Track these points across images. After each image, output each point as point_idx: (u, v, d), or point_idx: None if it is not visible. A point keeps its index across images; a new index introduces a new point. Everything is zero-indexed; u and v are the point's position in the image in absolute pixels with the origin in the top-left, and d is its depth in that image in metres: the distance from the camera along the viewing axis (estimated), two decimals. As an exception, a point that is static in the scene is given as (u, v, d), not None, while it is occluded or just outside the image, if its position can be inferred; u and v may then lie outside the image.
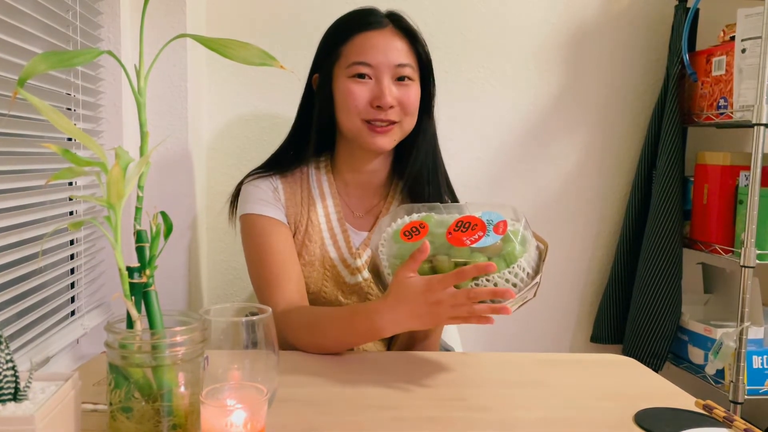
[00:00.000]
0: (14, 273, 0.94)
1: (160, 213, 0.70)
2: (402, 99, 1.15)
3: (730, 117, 1.56)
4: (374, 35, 1.15)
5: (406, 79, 1.16)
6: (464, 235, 0.86)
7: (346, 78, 1.15)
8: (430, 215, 0.94)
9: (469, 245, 0.86)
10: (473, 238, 0.86)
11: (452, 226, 0.87)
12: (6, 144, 0.96)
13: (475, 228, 0.86)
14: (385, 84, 1.14)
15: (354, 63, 1.14)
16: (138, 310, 0.68)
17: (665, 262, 1.67)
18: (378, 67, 1.14)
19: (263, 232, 1.17)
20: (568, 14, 1.74)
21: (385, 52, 1.14)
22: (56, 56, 0.63)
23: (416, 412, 0.83)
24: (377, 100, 1.13)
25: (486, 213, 0.88)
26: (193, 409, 0.68)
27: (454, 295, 0.87)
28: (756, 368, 1.57)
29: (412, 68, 1.17)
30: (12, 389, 0.61)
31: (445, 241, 0.87)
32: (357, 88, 1.14)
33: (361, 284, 1.21)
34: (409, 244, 0.90)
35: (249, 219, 1.19)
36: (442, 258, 0.89)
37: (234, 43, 0.71)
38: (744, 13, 1.51)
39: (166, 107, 1.39)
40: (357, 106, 1.14)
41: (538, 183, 1.79)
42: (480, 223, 0.86)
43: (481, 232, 0.86)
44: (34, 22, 0.99)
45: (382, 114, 1.14)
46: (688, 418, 0.83)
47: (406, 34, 1.17)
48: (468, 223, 0.87)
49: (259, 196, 1.19)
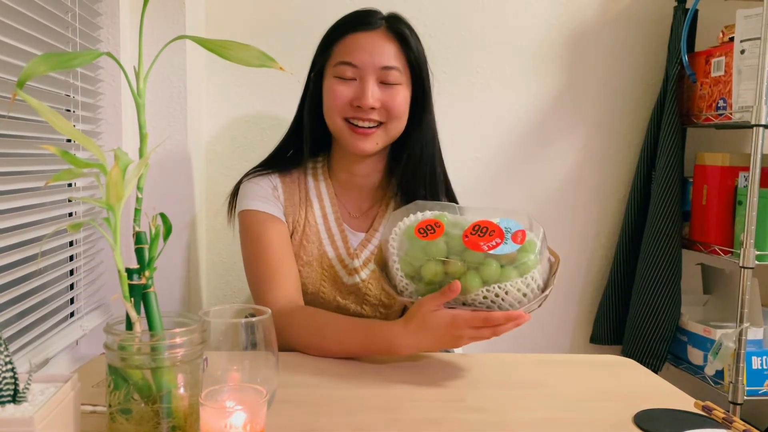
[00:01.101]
0: (14, 274, 0.94)
1: (159, 214, 0.70)
2: (386, 102, 1.14)
3: (729, 118, 1.57)
4: (363, 36, 1.15)
5: (392, 82, 1.15)
6: (481, 240, 0.85)
7: (332, 77, 1.16)
8: (443, 214, 0.93)
9: (487, 251, 0.85)
10: (491, 244, 0.85)
11: (469, 229, 0.87)
12: (5, 145, 0.95)
13: (493, 234, 0.85)
14: (368, 85, 1.13)
15: (340, 63, 1.15)
16: (137, 311, 0.68)
17: (664, 263, 1.67)
18: (362, 67, 1.14)
19: (262, 228, 1.17)
20: (567, 15, 1.74)
21: (371, 53, 1.14)
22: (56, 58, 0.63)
23: (416, 413, 0.83)
24: (357, 101, 1.14)
25: (504, 220, 0.88)
26: (193, 410, 0.68)
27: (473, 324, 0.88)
28: (755, 369, 1.57)
29: (400, 72, 1.16)
30: (11, 391, 0.61)
31: (461, 243, 0.87)
32: (340, 88, 1.15)
33: (358, 285, 1.21)
34: (423, 242, 0.89)
35: (248, 215, 1.18)
36: (456, 263, 0.87)
37: (233, 44, 0.71)
38: (743, 14, 1.51)
39: (166, 108, 1.39)
40: (338, 105, 1.15)
41: (538, 183, 1.79)
42: (498, 229, 0.86)
43: (498, 239, 0.85)
44: (33, 23, 0.99)
45: (363, 114, 1.14)
46: (687, 419, 0.83)
47: (397, 36, 1.16)
48: (486, 228, 0.86)
49: (258, 193, 1.19)
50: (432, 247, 0.88)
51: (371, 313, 1.22)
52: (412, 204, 0.96)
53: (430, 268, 0.89)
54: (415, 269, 0.91)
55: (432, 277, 0.90)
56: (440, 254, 0.88)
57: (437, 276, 0.89)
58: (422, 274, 0.90)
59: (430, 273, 0.89)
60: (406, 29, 1.17)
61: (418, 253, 0.90)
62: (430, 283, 0.90)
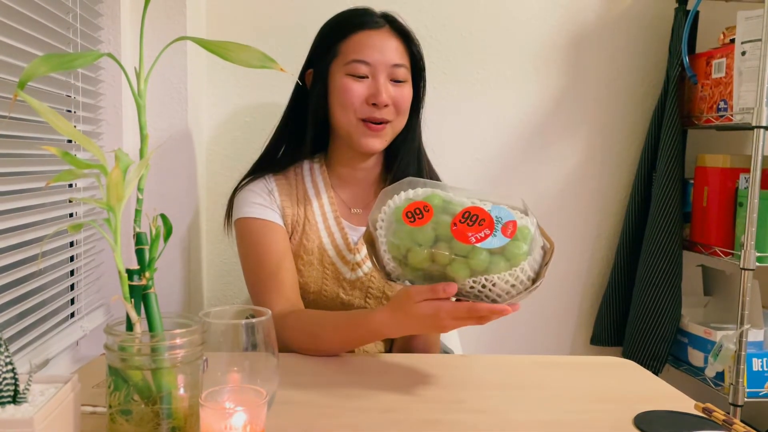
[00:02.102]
0: (14, 275, 0.94)
1: (159, 215, 0.70)
2: (396, 98, 1.17)
3: (730, 119, 1.56)
4: (372, 34, 1.17)
5: (401, 79, 1.18)
6: (470, 230, 0.83)
7: (344, 75, 1.17)
8: (435, 194, 0.88)
9: (474, 243, 0.82)
10: (479, 236, 0.82)
11: (458, 216, 0.84)
12: (6, 146, 0.96)
13: (483, 224, 0.83)
14: (381, 82, 1.16)
15: (352, 61, 1.16)
16: (137, 312, 0.68)
17: (665, 265, 1.67)
18: (375, 65, 1.16)
19: (259, 234, 1.17)
20: (568, 16, 1.74)
21: (382, 52, 1.16)
22: (57, 59, 0.63)
23: (415, 414, 0.83)
24: (373, 98, 1.15)
25: (496, 208, 0.84)
26: (193, 411, 0.68)
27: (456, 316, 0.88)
28: (756, 371, 1.57)
29: (406, 69, 1.20)
30: (11, 391, 0.61)
31: (449, 230, 0.84)
32: (354, 86, 1.16)
33: (362, 279, 1.22)
34: (409, 227, 0.86)
35: (244, 222, 1.19)
36: (443, 252, 0.85)
37: (234, 45, 0.71)
38: (744, 15, 1.51)
39: (166, 109, 1.39)
40: (353, 103, 1.16)
41: (538, 185, 1.79)
42: (488, 218, 0.83)
43: (488, 230, 0.82)
44: (34, 24, 0.99)
45: (377, 112, 1.16)
46: (687, 421, 0.83)
47: (401, 35, 1.20)
48: (476, 216, 0.83)
49: (253, 200, 1.20)
50: (419, 234, 0.85)
51: (375, 306, 1.22)
52: (405, 180, 0.93)
53: (417, 255, 0.86)
54: (402, 254, 0.88)
55: (418, 263, 0.87)
56: (427, 242, 0.85)
57: (423, 263, 0.87)
58: (408, 260, 0.87)
59: (416, 259, 0.86)
60: (406, 27, 1.21)
61: (405, 239, 0.86)
62: (417, 269, 0.88)
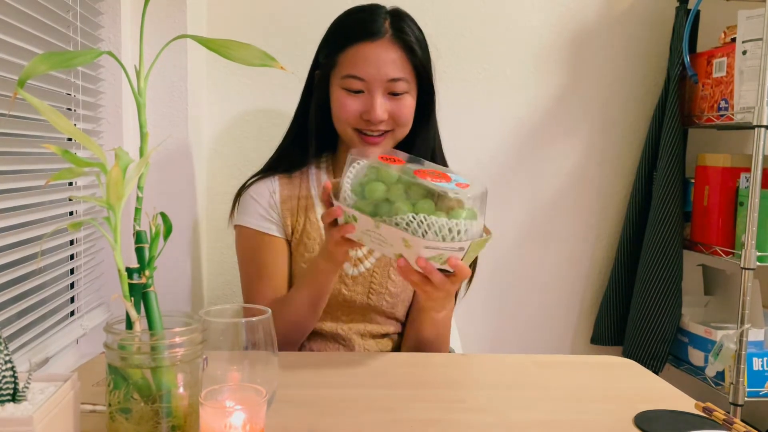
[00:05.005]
0: (14, 273, 0.94)
1: (159, 214, 0.70)
2: (394, 112, 1.16)
3: (730, 119, 1.56)
4: (369, 47, 1.13)
5: (399, 92, 1.15)
6: (429, 176, 0.91)
7: (339, 88, 1.16)
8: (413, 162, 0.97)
9: (430, 181, 0.89)
10: (436, 179, 0.90)
11: (423, 169, 0.92)
12: (6, 144, 0.96)
13: (441, 177, 0.91)
14: (376, 99, 1.14)
15: (347, 76, 1.14)
16: (137, 311, 0.68)
17: (665, 264, 1.67)
18: (370, 81, 1.13)
19: (255, 247, 1.21)
20: (568, 15, 1.74)
21: (377, 67, 1.13)
22: (57, 57, 0.63)
23: (416, 413, 0.83)
24: (367, 114, 1.14)
25: (456, 175, 0.93)
26: (192, 410, 0.68)
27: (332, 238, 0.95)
28: (756, 370, 1.57)
29: (407, 81, 1.15)
30: (11, 390, 0.61)
31: (412, 175, 0.90)
32: (348, 101, 1.15)
33: (364, 274, 1.22)
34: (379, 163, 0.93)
35: (243, 230, 1.22)
36: (399, 186, 0.90)
37: (234, 43, 0.71)
38: (745, 14, 1.51)
39: (166, 108, 1.39)
40: (348, 118, 1.16)
41: (539, 184, 1.79)
42: (446, 177, 0.91)
43: (445, 181, 0.91)
44: (34, 22, 0.99)
45: (373, 126, 1.16)
46: (687, 421, 0.83)
47: (402, 44, 1.15)
48: (437, 173, 0.91)
49: (254, 209, 1.21)
50: (383, 171, 0.92)
51: (377, 302, 1.22)
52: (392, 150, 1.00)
53: (375, 188, 0.91)
54: (362, 185, 0.93)
55: (371, 194, 0.91)
56: (390, 178, 0.91)
57: (376, 194, 0.91)
58: (365, 192, 0.92)
59: (372, 192, 0.91)
60: (411, 34, 1.16)
61: (371, 173, 0.93)
62: (367, 199, 0.92)
